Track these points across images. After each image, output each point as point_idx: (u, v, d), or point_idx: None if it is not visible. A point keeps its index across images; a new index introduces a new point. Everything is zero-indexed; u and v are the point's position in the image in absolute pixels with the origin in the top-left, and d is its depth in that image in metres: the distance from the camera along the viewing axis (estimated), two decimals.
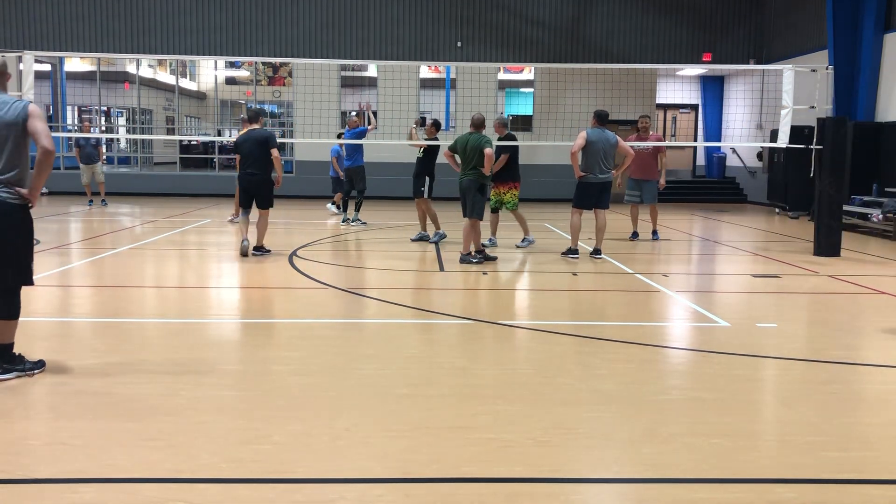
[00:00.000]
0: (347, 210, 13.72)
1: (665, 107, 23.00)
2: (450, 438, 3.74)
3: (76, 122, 24.98)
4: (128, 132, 24.88)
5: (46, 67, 21.08)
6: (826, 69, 10.90)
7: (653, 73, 20.36)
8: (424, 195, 10.89)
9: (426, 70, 22.19)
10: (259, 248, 9.65)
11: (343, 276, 8.47)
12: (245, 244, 9.43)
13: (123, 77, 23.77)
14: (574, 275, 8.71)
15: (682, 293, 7.82)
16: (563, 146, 11.22)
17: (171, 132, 25.42)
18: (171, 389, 4.41)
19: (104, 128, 24.23)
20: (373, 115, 13.58)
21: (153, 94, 25.96)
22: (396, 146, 16.44)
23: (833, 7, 15.52)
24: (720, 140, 22.31)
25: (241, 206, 9.74)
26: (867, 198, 14.11)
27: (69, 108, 23.75)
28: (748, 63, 19.95)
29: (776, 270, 9.15)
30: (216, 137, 13.97)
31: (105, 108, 24.87)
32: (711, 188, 21.69)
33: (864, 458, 3.59)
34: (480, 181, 9.04)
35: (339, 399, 4.31)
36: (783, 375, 5.04)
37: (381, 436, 3.76)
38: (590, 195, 9.80)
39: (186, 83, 27.71)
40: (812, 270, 9.13)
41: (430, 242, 10.99)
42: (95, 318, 6.37)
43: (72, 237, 11.49)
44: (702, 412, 4.20)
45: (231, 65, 27.65)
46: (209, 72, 27.04)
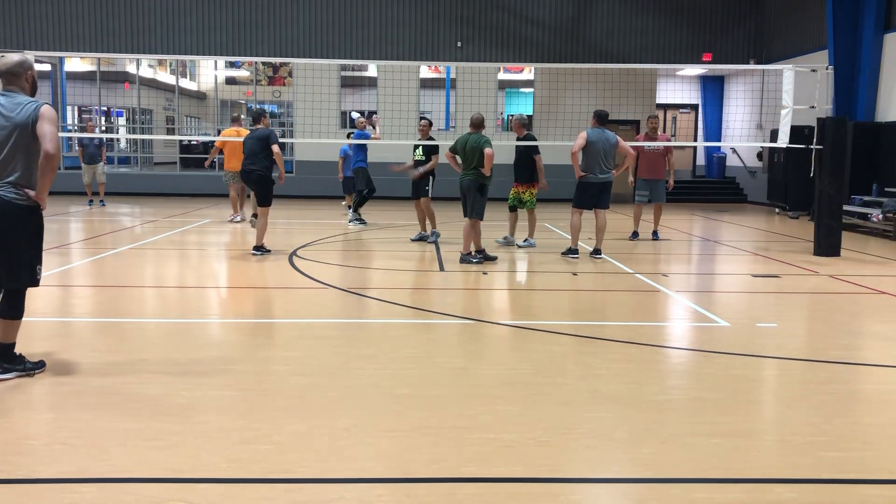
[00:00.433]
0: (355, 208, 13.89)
1: (665, 107, 23.01)
2: (450, 438, 3.74)
3: (76, 122, 24.99)
4: (128, 132, 24.88)
5: (46, 67, 21.08)
6: (826, 69, 10.90)
7: (653, 73, 20.36)
8: (429, 195, 10.93)
9: (426, 70, 22.20)
10: (259, 248, 9.66)
11: (343, 276, 8.47)
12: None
13: (123, 77, 23.77)
14: (574, 275, 8.71)
15: (682, 293, 7.82)
16: (564, 146, 11.21)
17: (171, 132, 25.43)
18: (171, 389, 4.41)
19: (104, 128, 24.22)
20: (374, 128, 13.77)
21: (153, 94, 25.97)
22: (397, 146, 16.44)
23: (833, 7, 15.52)
24: (720, 140, 22.32)
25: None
26: (867, 198, 14.11)
27: (69, 108, 23.76)
28: (748, 63, 19.95)
29: (776, 270, 9.15)
30: (216, 137, 13.94)
31: (105, 108, 24.88)
32: (711, 188, 21.69)
33: (864, 458, 3.59)
34: (480, 181, 9.03)
35: (339, 399, 4.31)
36: (783, 375, 5.04)
37: (381, 436, 3.76)
38: (590, 195, 9.81)
39: (186, 83, 27.71)
40: (812, 270, 9.13)
41: (429, 242, 11.00)
42: (95, 318, 6.37)
43: (72, 237, 11.49)
44: (702, 412, 4.20)
45: (231, 65, 27.66)
46: (209, 72, 27.05)
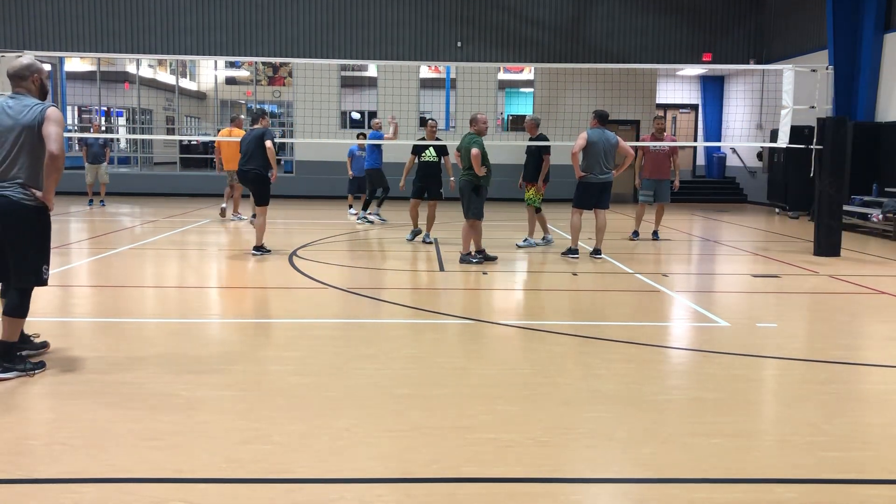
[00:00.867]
0: (369, 208, 14.08)
1: (665, 107, 23.00)
2: (450, 438, 3.74)
3: (76, 123, 24.98)
4: (128, 132, 24.88)
5: (46, 67, 21.02)
6: (826, 69, 10.90)
7: (653, 73, 20.36)
8: (442, 197, 11.02)
9: (426, 70, 22.20)
10: (259, 248, 9.67)
11: (343, 276, 8.47)
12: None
13: (123, 77, 23.77)
14: (574, 275, 8.71)
15: (682, 293, 7.82)
16: (564, 146, 11.21)
17: (171, 132, 25.43)
18: (171, 389, 4.41)
19: (104, 128, 24.23)
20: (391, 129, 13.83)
21: (153, 94, 25.96)
22: (397, 146, 16.43)
23: (833, 7, 15.52)
24: (720, 140, 22.32)
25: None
26: (867, 198, 14.11)
27: (69, 108, 23.76)
28: (748, 63, 19.95)
29: (776, 270, 9.15)
30: (216, 137, 13.96)
31: (105, 108, 24.87)
32: (711, 188, 21.69)
33: (864, 458, 3.59)
34: (475, 182, 9.03)
35: (339, 399, 4.31)
36: (783, 375, 5.04)
37: (381, 436, 3.76)
38: (590, 195, 9.81)
39: (186, 83, 27.71)
40: (812, 270, 9.13)
41: (426, 242, 10.99)
42: (95, 318, 6.38)
43: (72, 237, 11.49)
44: (702, 412, 4.20)
45: (231, 65, 27.66)
46: (209, 72, 27.04)
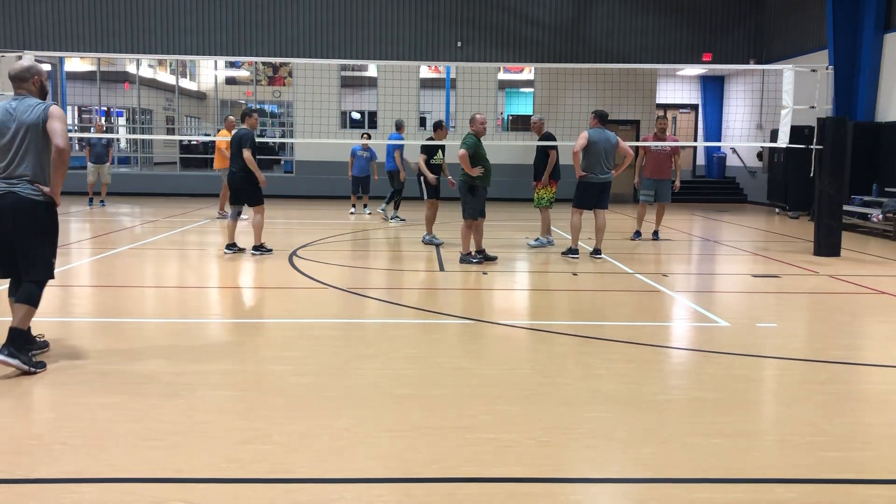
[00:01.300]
0: (391, 207, 14.40)
1: (665, 107, 22.99)
2: (450, 438, 3.73)
3: (76, 123, 24.98)
4: (128, 132, 24.88)
5: (46, 67, 21.02)
6: (826, 69, 10.89)
7: (653, 73, 20.36)
8: (424, 196, 11.00)
9: (426, 70, 22.19)
10: (258, 248, 9.66)
11: (343, 276, 8.47)
12: (228, 250, 9.75)
13: (123, 77, 23.77)
14: (574, 275, 8.71)
15: (682, 293, 7.82)
16: (564, 146, 11.21)
17: (171, 132, 25.42)
18: (172, 389, 4.41)
19: (104, 128, 24.23)
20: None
21: (153, 94, 25.95)
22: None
23: (833, 7, 15.52)
24: (720, 140, 22.31)
25: (231, 204, 9.90)
26: (867, 198, 14.11)
27: (69, 108, 23.75)
28: (748, 63, 19.94)
29: (776, 270, 9.15)
30: (216, 137, 13.97)
31: (105, 108, 24.87)
32: (711, 188, 21.69)
33: (864, 458, 3.59)
34: (469, 182, 9.04)
35: (339, 399, 4.31)
36: (783, 375, 5.04)
37: (381, 436, 3.76)
38: (591, 195, 9.82)
39: (186, 83, 27.70)
40: (812, 270, 9.13)
41: (427, 243, 10.98)
42: (95, 318, 6.38)
43: (72, 237, 11.48)
44: (702, 412, 4.20)
45: (231, 65, 27.65)
46: (209, 72, 27.03)
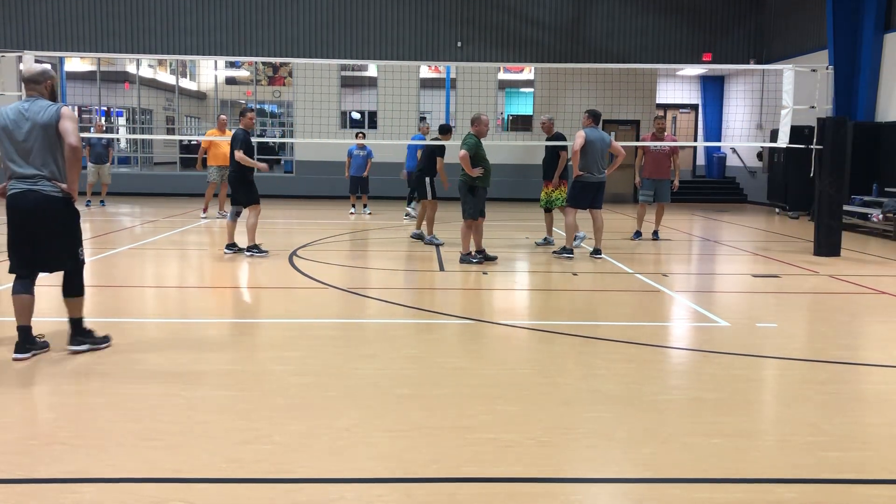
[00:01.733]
0: (412, 204, 14.66)
1: (665, 107, 23.01)
2: (450, 438, 3.73)
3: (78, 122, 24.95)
4: (128, 132, 24.87)
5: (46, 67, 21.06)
6: (826, 69, 10.89)
7: (653, 73, 20.36)
8: (428, 196, 10.98)
9: (426, 70, 22.19)
10: (251, 248, 9.51)
11: (343, 276, 8.47)
12: (228, 251, 9.69)
13: (123, 77, 23.76)
14: (574, 275, 8.71)
15: (682, 293, 7.82)
16: (564, 146, 11.19)
17: (171, 132, 25.42)
18: (171, 389, 4.41)
19: (104, 128, 24.23)
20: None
21: (153, 94, 25.95)
22: (399, 147, 16.45)
23: (833, 7, 15.52)
24: (720, 140, 22.32)
25: (231, 204, 9.81)
26: (867, 198, 14.11)
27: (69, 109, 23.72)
28: (748, 63, 19.95)
29: (776, 270, 9.15)
30: (216, 137, 13.99)
31: (105, 108, 24.87)
32: (711, 188, 21.70)
33: (864, 458, 3.59)
34: (469, 182, 9.04)
35: (339, 399, 4.31)
36: (783, 375, 5.04)
37: (381, 436, 3.76)
38: (587, 194, 9.81)
39: (186, 83, 27.69)
40: (812, 270, 9.13)
41: (429, 243, 10.98)
42: (96, 318, 6.35)
43: None
44: (702, 412, 4.20)
45: (231, 65, 27.64)
46: (209, 72, 27.01)
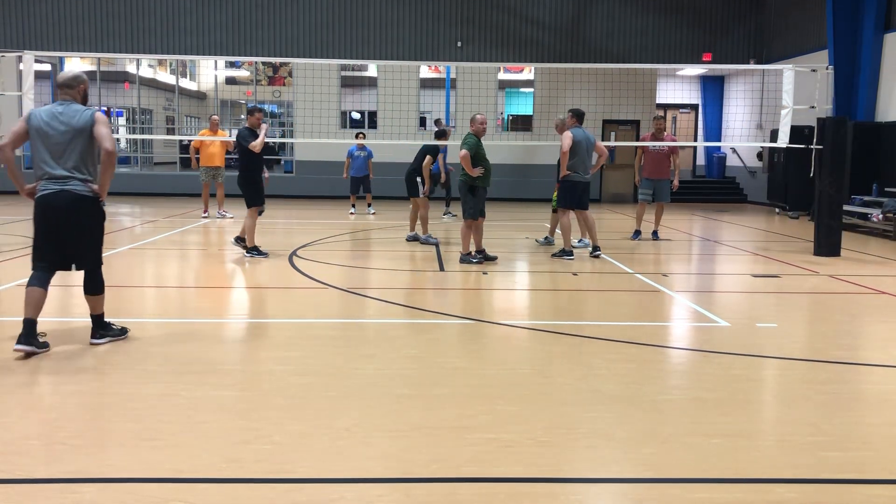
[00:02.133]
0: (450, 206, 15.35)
1: (665, 107, 23.02)
2: (450, 438, 3.73)
3: None
4: (128, 132, 24.88)
5: (46, 67, 21.08)
6: (826, 69, 10.90)
7: (653, 73, 20.36)
8: (419, 195, 11.01)
9: (426, 70, 22.20)
10: (250, 250, 9.38)
11: (343, 276, 8.47)
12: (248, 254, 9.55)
13: (123, 77, 23.77)
14: (574, 275, 8.71)
15: (682, 293, 7.82)
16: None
17: (171, 132, 25.43)
18: (171, 389, 4.41)
19: None
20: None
21: (153, 94, 25.96)
22: (398, 147, 16.45)
23: (833, 7, 15.52)
24: (720, 140, 22.32)
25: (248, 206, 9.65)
26: (867, 198, 14.11)
27: None
28: (748, 63, 19.95)
29: (776, 270, 9.15)
30: (216, 137, 14.00)
31: (105, 108, 24.86)
32: (711, 188, 21.70)
33: (864, 458, 3.59)
34: (469, 182, 9.05)
35: (339, 399, 4.31)
36: (783, 375, 5.04)
37: (381, 436, 3.76)
38: (575, 194, 9.82)
39: (186, 83, 27.71)
40: (812, 270, 9.13)
41: (425, 243, 10.99)
42: None
43: None
44: (702, 412, 4.20)
45: (231, 65, 27.66)
46: (209, 72, 27.04)
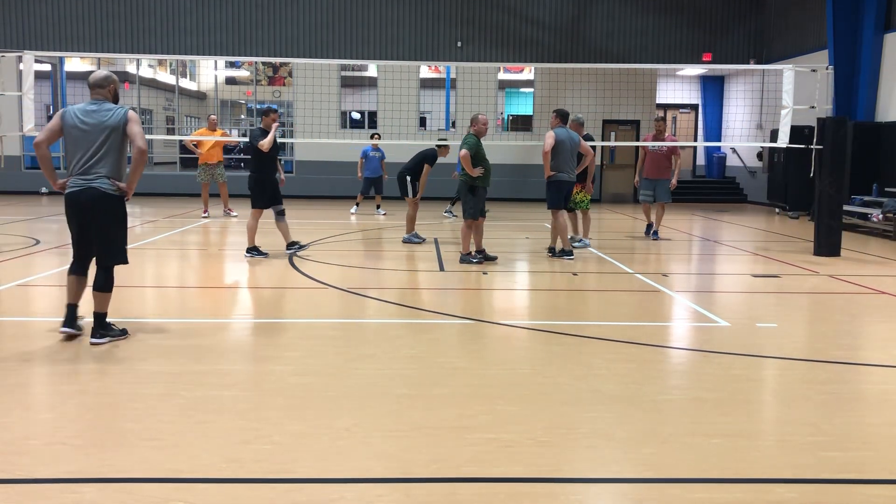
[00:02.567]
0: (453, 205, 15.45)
1: (665, 107, 23.02)
2: (450, 438, 3.74)
3: None
4: None
5: (46, 67, 21.08)
6: (826, 69, 10.90)
7: (653, 73, 20.36)
8: (409, 195, 11.05)
9: (426, 70, 22.19)
10: (250, 250, 9.41)
11: (343, 276, 8.47)
12: (289, 249, 9.71)
13: (123, 77, 23.72)
14: (574, 275, 8.71)
15: (682, 293, 7.82)
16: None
17: (171, 132, 25.43)
18: (171, 389, 4.41)
19: None
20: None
21: (153, 94, 25.96)
22: (399, 147, 16.44)
23: (833, 7, 15.52)
24: (720, 140, 22.32)
25: (270, 207, 9.62)
26: (867, 198, 14.11)
27: None
28: (748, 63, 19.95)
29: (776, 270, 9.15)
30: (216, 137, 14.00)
31: None
32: (711, 188, 21.70)
33: (864, 458, 3.59)
34: (470, 182, 9.05)
35: (339, 399, 4.31)
36: (783, 375, 5.04)
37: (381, 436, 3.76)
38: (562, 193, 9.83)
39: (186, 83, 27.70)
40: (812, 270, 9.13)
41: (410, 242, 11.03)
42: None
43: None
44: (702, 412, 4.20)
45: (231, 65, 27.65)
46: (209, 72, 27.03)
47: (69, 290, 5.50)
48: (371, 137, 15.27)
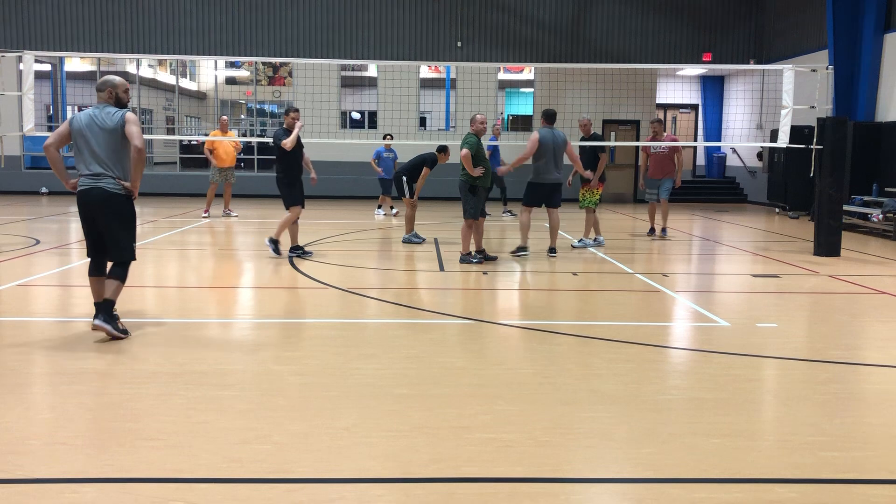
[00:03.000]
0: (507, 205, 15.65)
1: (665, 107, 23.02)
2: (450, 438, 3.74)
3: None
4: None
5: (46, 67, 21.08)
6: (826, 69, 10.89)
7: (653, 73, 20.36)
8: (406, 195, 11.06)
9: (426, 70, 22.20)
10: (273, 241, 9.54)
11: (343, 276, 8.47)
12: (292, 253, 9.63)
13: (123, 77, 23.75)
14: (574, 275, 8.71)
15: (682, 293, 7.82)
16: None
17: (171, 132, 25.43)
18: (171, 389, 4.41)
19: None
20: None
21: (153, 94, 25.96)
22: (399, 146, 16.44)
23: (833, 7, 15.52)
24: (720, 140, 22.32)
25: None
26: (867, 198, 14.12)
27: (69, 108, 23.75)
28: (748, 63, 19.95)
29: (776, 270, 9.15)
30: (216, 137, 14.00)
31: None
32: (711, 188, 21.70)
33: (864, 458, 3.59)
34: (470, 182, 9.06)
35: (339, 399, 4.31)
36: (783, 375, 5.04)
37: (381, 436, 3.76)
38: (540, 195, 9.85)
39: (186, 83, 27.71)
40: (812, 270, 9.13)
41: (410, 242, 11.04)
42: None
43: (72, 237, 11.48)
44: (702, 412, 4.20)
45: (231, 65, 27.66)
46: (209, 72, 27.05)
47: (93, 291, 5.65)
48: (384, 138, 15.31)
